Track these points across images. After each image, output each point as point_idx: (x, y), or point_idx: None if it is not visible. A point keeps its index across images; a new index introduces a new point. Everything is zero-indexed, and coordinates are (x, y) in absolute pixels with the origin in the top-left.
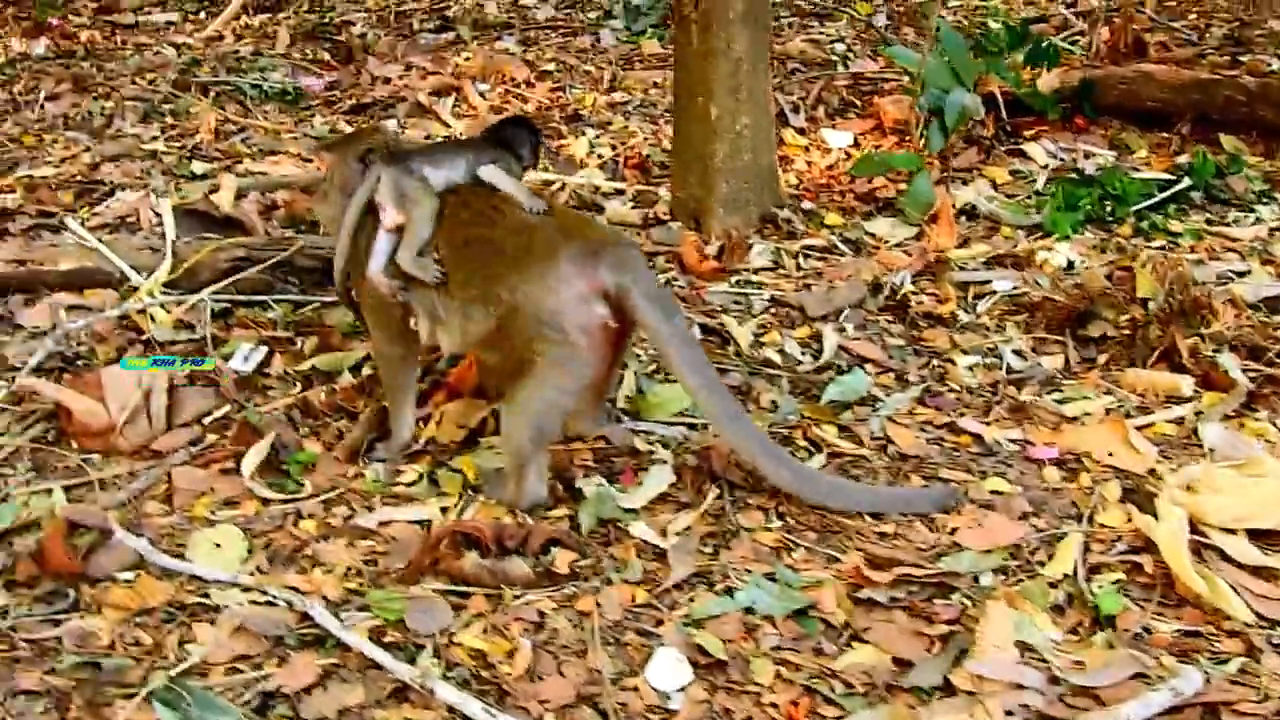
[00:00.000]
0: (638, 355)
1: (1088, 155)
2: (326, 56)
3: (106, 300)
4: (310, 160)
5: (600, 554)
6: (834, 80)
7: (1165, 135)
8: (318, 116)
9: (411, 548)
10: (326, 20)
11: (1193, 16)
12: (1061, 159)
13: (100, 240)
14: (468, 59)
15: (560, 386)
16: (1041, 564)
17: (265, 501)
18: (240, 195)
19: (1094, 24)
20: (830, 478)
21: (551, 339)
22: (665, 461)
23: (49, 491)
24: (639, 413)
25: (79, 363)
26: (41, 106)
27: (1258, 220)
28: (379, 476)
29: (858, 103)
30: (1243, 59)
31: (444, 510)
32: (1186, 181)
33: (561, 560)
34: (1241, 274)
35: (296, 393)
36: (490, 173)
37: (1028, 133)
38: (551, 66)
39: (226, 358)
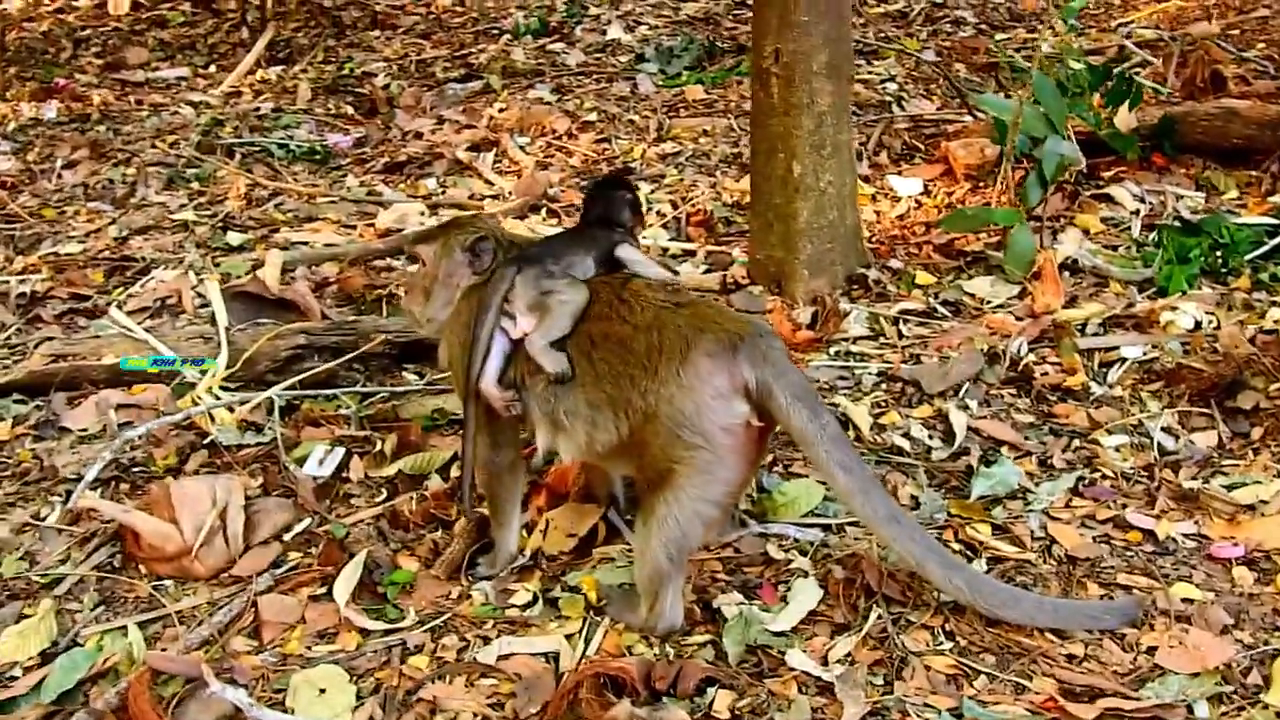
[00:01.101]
0: None
1: (1178, 198)
2: (350, 110)
3: (159, 397)
4: (354, 227)
5: (756, 689)
6: (893, 123)
7: (1253, 174)
8: (350, 176)
9: (542, 688)
10: (346, 72)
11: (1261, 46)
12: (1149, 202)
13: (143, 328)
14: (502, 110)
15: (704, 496)
16: (1259, 689)
17: (365, 633)
18: (287, 270)
19: (1168, 59)
20: (1005, 586)
21: (692, 444)
22: (807, 573)
23: (123, 629)
24: (765, 514)
25: (135, 470)
26: (59, 175)
27: None
28: (488, 598)
29: (921, 146)
30: None
31: (568, 638)
32: None
33: (721, 702)
34: None
35: (382, 501)
36: (628, 253)
37: (1106, 174)
38: (593, 116)
39: (300, 462)
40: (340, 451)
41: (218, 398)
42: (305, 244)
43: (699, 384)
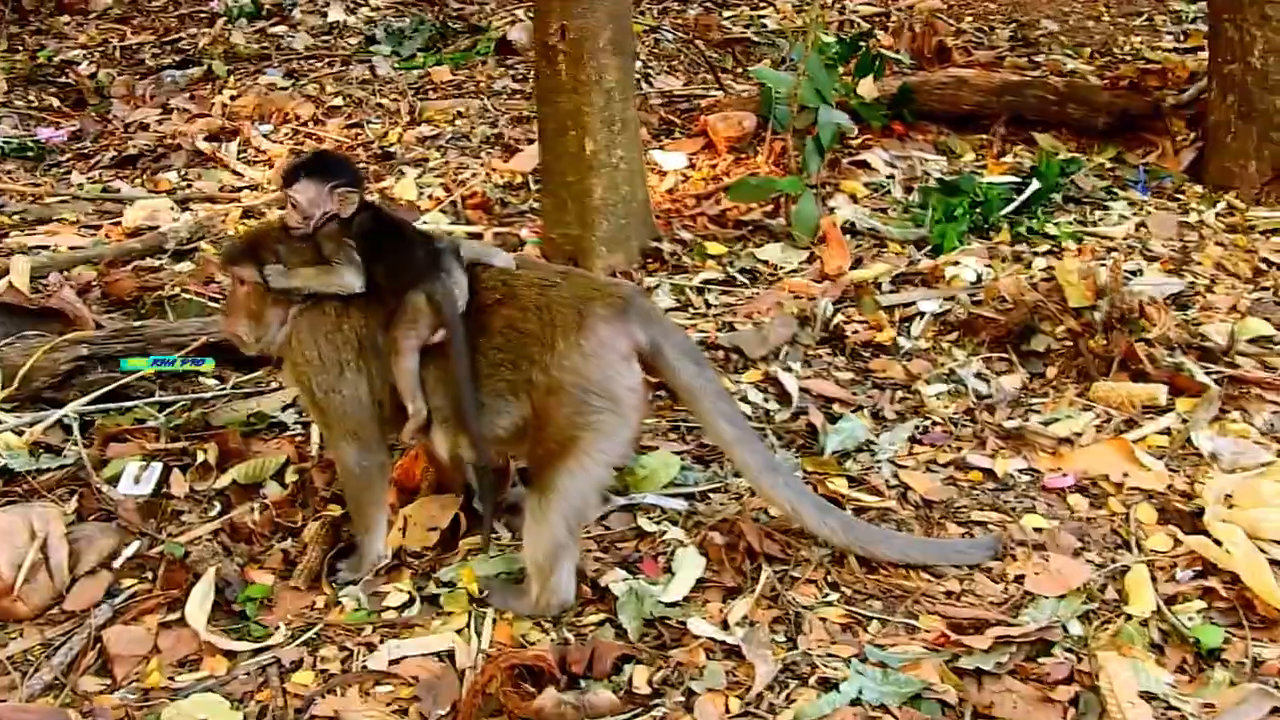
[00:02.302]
0: None
1: (923, 162)
2: (56, 103)
3: None
4: (97, 227)
5: (666, 661)
6: (647, 100)
7: (984, 137)
8: (75, 174)
9: (445, 687)
10: (42, 61)
11: (970, 18)
12: (899, 167)
13: None
14: (235, 97)
15: (607, 460)
16: (1118, 602)
17: (231, 654)
18: (37, 277)
19: (898, 31)
20: (876, 527)
21: (600, 408)
22: (685, 543)
23: None
24: (628, 488)
25: None
26: None
27: (1121, 217)
28: (360, 603)
29: (678, 121)
30: (1038, 59)
31: (459, 633)
32: (1036, 184)
33: (639, 678)
34: (1133, 273)
35: (217, 515)
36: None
37: (853, 142)
38: (338, 101)
39: (113, 481)
40: (157, 467)
41: (8, 425)
42: (45, 248)
43: (601, 349)
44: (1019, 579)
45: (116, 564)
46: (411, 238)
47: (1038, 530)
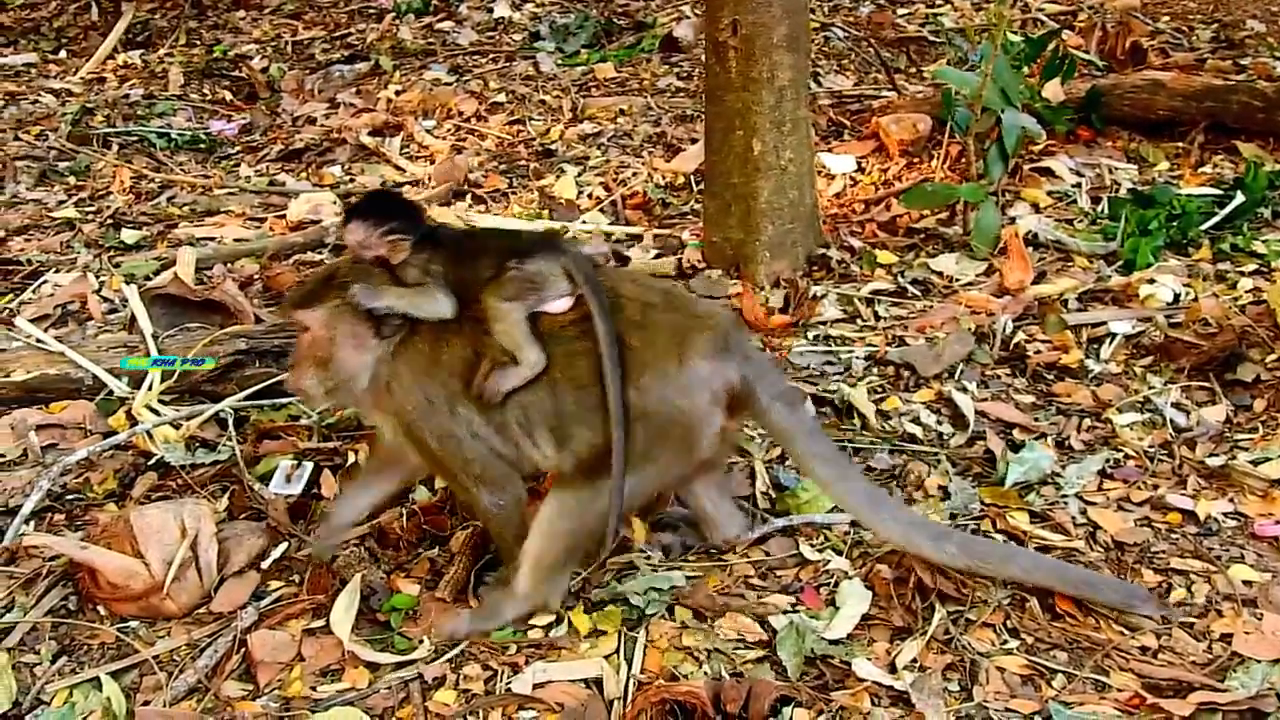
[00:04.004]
0: (753, 438)
1: (1112, 170)
2: (228, 96)
3: (85, 415)
4: (262, 220)
5: (827, 704)
6: (816, 100)
7: (1180, 145)
8: (244, 166)
9: (592, 717)
10: (217, 55)
11: (1167, 18)
12: (1086, 175)
13: (53, 337)
14: (400, 92)
15: (651, 490)
16: None
17: (373, 666)
18: (202, 269)
19: (1088, 31)
20: (997, 543)
21: (674, 444)
22: (849, 574)
23: (95, 682)
24: (788, 511)
25: (69, 499)
26: None
27: None
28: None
29: (847, 123)
30: (1243, 62)
31: (607, 658)
32: (1241, 197)
33: None
34: None
35: (367, 518)
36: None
37: (1034, 148)
38: (501, 97)
39: (264, 479)
40: (308, 466)
41: (156, 413)
42: (212, 240)
43: (696, 386)
44: (1226, 638)
45: (264, 565)
46: (513, 231)
47: (1247, 584)
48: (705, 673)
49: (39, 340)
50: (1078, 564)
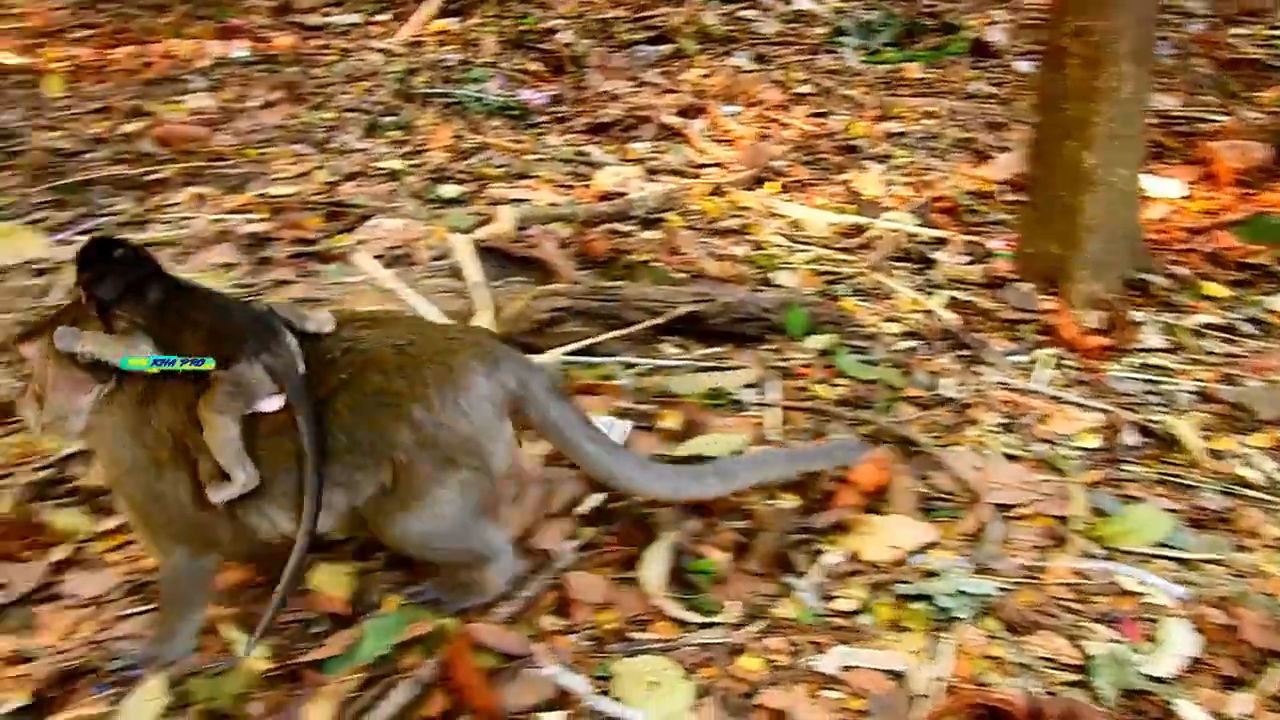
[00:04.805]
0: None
1: None
2: (535, 67)
3: None
4: (570, 187)
5: None
6: None
7: None
8: (552, 135)
9: (895, 709)
10: (527, 27)
11: None
12: None
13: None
14: (704, 76)
15: (455, 515)
16: None
17: (681, 624)
18: (520, 228)
19: None
20: (743, 458)
21: (466, 464)
22: (1176, 613)
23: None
24: (1103, 540)
25: None
26: (255, 116)
27: None
28: (810, 604)
29: (1173, 145)
30: None
31: (913, 654)
32: None
33: None
34: None
35: None
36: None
37: None
38: (805, 89)
39: None
40: (628, 424)
41: None
42: (524, 201)
43: (478, 403)
44: None
45: (578, 511)
46: (224, 304)
47: None
48: (1019, 686)
49: (375, 277)
50: None
